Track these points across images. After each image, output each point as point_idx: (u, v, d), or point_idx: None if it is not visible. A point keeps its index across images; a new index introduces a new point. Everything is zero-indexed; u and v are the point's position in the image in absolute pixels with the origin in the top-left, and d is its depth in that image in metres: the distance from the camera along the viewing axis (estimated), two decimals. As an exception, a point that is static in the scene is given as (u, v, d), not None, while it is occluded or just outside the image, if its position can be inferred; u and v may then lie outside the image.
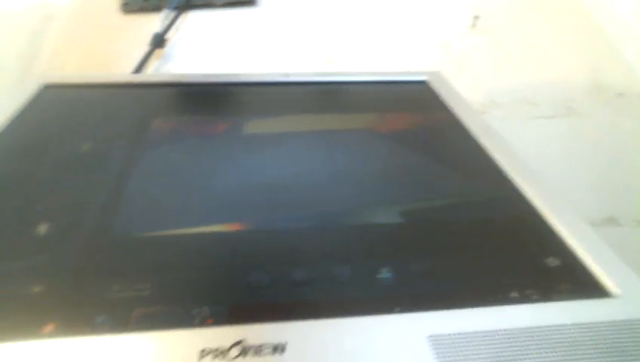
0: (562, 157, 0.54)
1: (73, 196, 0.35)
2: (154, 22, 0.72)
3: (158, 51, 0.67)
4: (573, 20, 0.79)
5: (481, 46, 0.75)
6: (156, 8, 0.73)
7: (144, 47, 0.66)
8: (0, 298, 0.27)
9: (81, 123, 0.45)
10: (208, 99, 0.52)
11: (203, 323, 0.25)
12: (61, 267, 0.29)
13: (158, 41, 0.67)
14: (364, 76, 0.58)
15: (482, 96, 0.63)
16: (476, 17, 0.79)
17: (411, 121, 0.49)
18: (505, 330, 0.25)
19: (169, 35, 0.70)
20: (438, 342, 0.25)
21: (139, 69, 0.63)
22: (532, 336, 0.25)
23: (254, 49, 0.71)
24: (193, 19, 0.76)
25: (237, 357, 0.23)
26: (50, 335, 0.24)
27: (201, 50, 0.70)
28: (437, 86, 0.55)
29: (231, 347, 0.24)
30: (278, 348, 0.24)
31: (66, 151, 0.40)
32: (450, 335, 0.25)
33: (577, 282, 0.29)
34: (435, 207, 0.36)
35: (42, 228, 0.32)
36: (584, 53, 0.73)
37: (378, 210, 0.36)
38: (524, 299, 0.28)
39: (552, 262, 0.31)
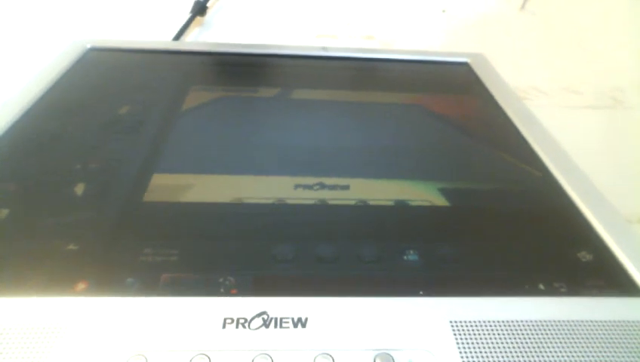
0: (603, 150, 0.52)
1: (110, 158, 0.36)
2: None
3: (198, 19, 0.68)
4: (628, 6, 0.75)
5: (529, 29, 0.73)
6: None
7: (185, 14, 0.67)
8: (36, 253, 0.28)
9: (122, 86, 0.46)
10: (246, 69, 0.53)
11: (227, 292, 0.26)
12: (95, 227, 0.30)
13: (199, 9, 0.67)
14: (404, 54, 0.57)
15: (525, 81, 0.61)
16: (526, -2, 0.76)
17: (450, 102, 0.48)
18: (529, 321, 0.25)
19: (210, 3, 0.70)
20: (459, 327, 0.25)
21: (179, 35, 0.63)
22: (557, 330, 0.25)
23: (293, 21, 0.70)
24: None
25: (259, 327, 0.24)
26: (82, 293, 0.25)
27: (241, 20, 0.70)
28: (479, 68, 0.54)
29: (253, 318, 0.24)
30: (300, 322, 0.24)
31: (105, 113, 0.41)
32: (472, 322, 0.25)
33: (609, 278, 0.29)
34: (468, 192, 0.36)
35: (79, 188, 0.33)
36: (637, 41, 0.70)
37: (411, 188, 0.35)
38: (551, 291, 0.28)
39: (585, 256, 0.30)
